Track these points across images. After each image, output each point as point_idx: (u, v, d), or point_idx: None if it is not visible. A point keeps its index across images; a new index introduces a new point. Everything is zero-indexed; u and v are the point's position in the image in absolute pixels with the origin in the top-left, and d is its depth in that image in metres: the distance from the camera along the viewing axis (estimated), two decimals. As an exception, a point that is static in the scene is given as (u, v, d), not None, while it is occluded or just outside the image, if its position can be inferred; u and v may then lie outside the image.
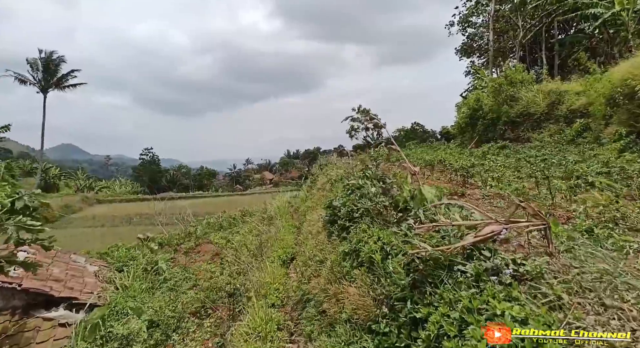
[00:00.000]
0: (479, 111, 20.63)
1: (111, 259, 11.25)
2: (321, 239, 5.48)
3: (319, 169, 13.92)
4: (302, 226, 10.00)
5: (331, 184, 8.55)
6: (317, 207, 9.51)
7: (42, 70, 45.49)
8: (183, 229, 16.33)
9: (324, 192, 9.74)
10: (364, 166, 9.73)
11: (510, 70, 19.31)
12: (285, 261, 7.39)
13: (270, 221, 13.39)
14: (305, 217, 10.50)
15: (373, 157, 12.16)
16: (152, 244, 11.66)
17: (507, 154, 12.23)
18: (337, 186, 7.48)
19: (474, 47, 35.85)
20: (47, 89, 46.16)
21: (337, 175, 8.35)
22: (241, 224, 16.41)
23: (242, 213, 17.85)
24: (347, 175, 7.99)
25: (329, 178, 9.91)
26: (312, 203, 10.26)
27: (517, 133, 18.08)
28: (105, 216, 37.51)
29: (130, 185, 59.37)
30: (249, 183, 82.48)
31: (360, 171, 6.45)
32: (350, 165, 9.12)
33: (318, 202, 9.88)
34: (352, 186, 5.50)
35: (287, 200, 15.60)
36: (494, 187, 6.02)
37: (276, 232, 9.82)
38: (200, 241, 14.33)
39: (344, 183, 7.01)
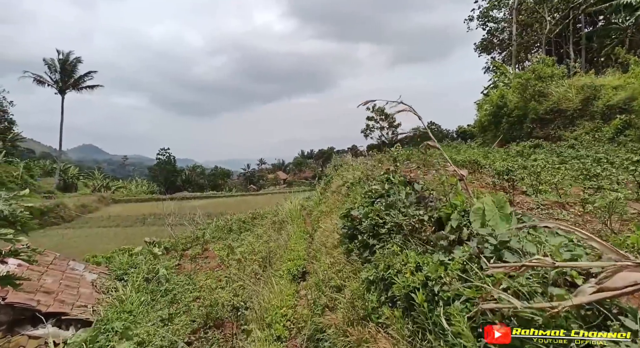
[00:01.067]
0: (503, 108, 19.25)
1: (113, 266, 10.51)
2: (337, 257, 4.50)
3: (333, 169, 12.88)
4: (315, 234, 9.00)
5: (347, 188, 7.54)
6: (331, 213, 8.52)
7: (59, 71, 45.83)
8: (191, 232, 15.57)
9: (339, 196, 8.72)
10: (386, 167, 8.68)
11: (538, 64, 17.88)
12: (295, 276, 6.42)
13: (281, 225, 12.45)
14: (318, 223, 9.50)
15: (392, 157, 11.09)
16: (157, 249, 10.86)
17: (543, 154, 10.96)
18: (354, 191, 6.46)
19: (495, 42, 34.19)
20: (65, 90, 46.48)
21: (354, 178, 7.34)
22: (251, 227, 15.53)
23: (252, 215, 16.97)
24: (366, 177, 6.95)
25: (345, 181, 8.89)
26: (326, 207, 9.26)
27: (547, 131, 16.67)
28: (120, 216, 37.34)
29: (146, 185, 59.53)
30: (262, 183, 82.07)
31: (384, 174, 5.45)
32: (367, 166, 8.10)
33: (333, 207, 8.88)
34: (374, 193, 4.49)
35: (299, 202, 14.64)
36: (547, 193, 4.93)
37: (286, 241, 8.87)
38: (208, 245, 13.51)
39: (363, 187, 6.01)
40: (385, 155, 12.96)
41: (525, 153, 11.13)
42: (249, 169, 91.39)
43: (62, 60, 46.02)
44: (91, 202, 40.47)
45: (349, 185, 7.42)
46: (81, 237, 31.08)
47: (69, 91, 47.07)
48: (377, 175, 6.65)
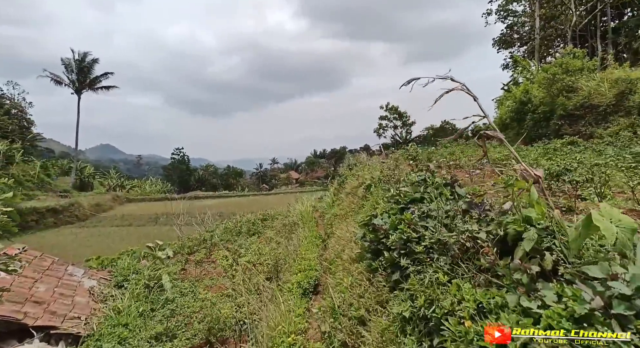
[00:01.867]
0: (527, 104, 18.02)
1: (115, 271, 9.86)
2: (357, 275, 3.64)
3: (347, 169, 11.99)
4: (328, 240, 8.16)
5: (365, 189, 6.67)
6: (346, 217, 7.66)
7: (75, 71, 46.11)
8: (199, 234, 14.91)
9: (354, 198, 7.85)
10: (408, 166, 7.76)
11: (565, 57, 16.62)
12: (306, 290, 5.59)
13: (291, 228, 11.64)
14: (332, 227, 8.64)
15: (411, 156, 10.14)
16: (161, 253, 10.18)
17: (585, 152, 9.83)
18: (375, 194, 5.59)
19: (514, 37, 32.70)
20: (81, 91, 46.75)
21: (373, 178, 6.47)
22: (261, 229, 14.78)
23: (262, 217, 16.22)
24: (387, 178, 6.06)
25: (361, 182, 8.01)
26: (340, 210, 8.41)
27: (576, 128, 15.43)
28: (133, 215, 37.26)
29: (160, 185, 59.67)
30: (275, 182, 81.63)
31: (415, 173, 4.55)
32: (387, 166, 7.21)
33: (348, 210, 8.02)
34: (404, 197, 3.62)
35: (311, 203, 13.82)
36: (612, 199, 3.99)
37: (297, 246, 8.05)
38: (216, 248, 12.81)
39: (386, 190, 5.14)
40: (404, 154, 12.04)
41: (561, 151, 10.03)
42: (262, 168, 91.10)
43: (79, 60, 46.29)
44: (105, 201, 40.55)
45: (367, 187, 6.55)
46: (94, 236, 30.98)
47: (85, 91, 47.34)
48: (400, 176, 5.75)
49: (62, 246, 27.37)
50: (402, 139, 40.89)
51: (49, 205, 33.61)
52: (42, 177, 41.19)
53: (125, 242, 28.57)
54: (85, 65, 45.75)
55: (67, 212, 34.78)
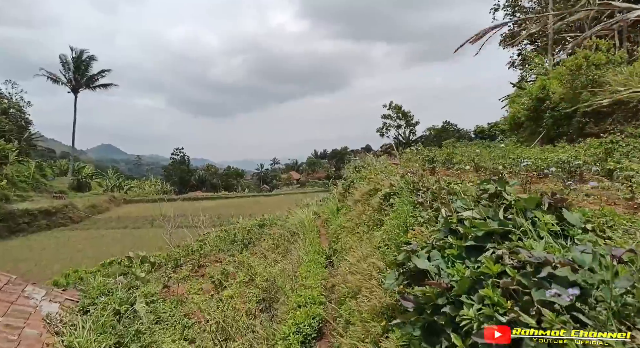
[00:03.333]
0: (545, 101, 16.49)
1: (84, 290, 8.35)
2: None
3: (353, 171, 10.47)
4: (334, 257, 6.68)
5: (383, 199, 5.16)
6: (357, 231, 6.17)
7: (72, 69, 44.73)
8: (190, 242, 13.45)
9: (366, 208, 6.36)
10: (432, 171, 6.27)
11: (584, 50, 15.09)
12: (307, 337, 4.12)
13: (290, 238, 10.14)
14: (338, 240, 7.15)
15: (428, 158, 8.63)
16: (139, 270, 8.68)
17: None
18: (400, 207, 4.09)
19: (522, 35, 31.11)
20: (78, 89, 45.35)
21: (393, 186, 4.96)
22: (258, 236, 13.29)
23: (259, 222, 14.72)
24: (412, 186, 4.56)
25: (375, 188, 6.52)
26: (348, 222, 6.92)
27: (603, 126, 13.91)
28: (130, 217, 35.85)
29: (159, 185, 58.22)
30: (276, 183, 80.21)
31: (473, 184, 3.09)
32: (411, 169, 5.72)
33: (358, 222, 6.52)
34: (469, 227, 2.14)
35: (313, 209, 12.33)
36: None
37: (296, 265, 6.56)
38: (207, 260, 11.34)
39: (416, 204, 3.67)
40: (414, 155, 10.53)
41: (604, 152, 8.50)
42: (263, 168, 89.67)
43: (76, 58, 44.90)
44: (102, 203, 39.12)
45: (385, 196, 5.05)
46: (87, 239, 29.57)
47: (82, 90, 45.95)
48: (431, 184, 4.25)
49: (52, 249, 25.97)
50: (406, 139, 39.36)
51: (42, 207, 32.21)
52: (37, 178, 39.73)
53: (120, 245, 27.14)
54: (82, 63, 44.33)
55: (61, 214, 33.35)
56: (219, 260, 11.54)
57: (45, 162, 49.48)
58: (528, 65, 27.59)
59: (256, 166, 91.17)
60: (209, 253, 11.59)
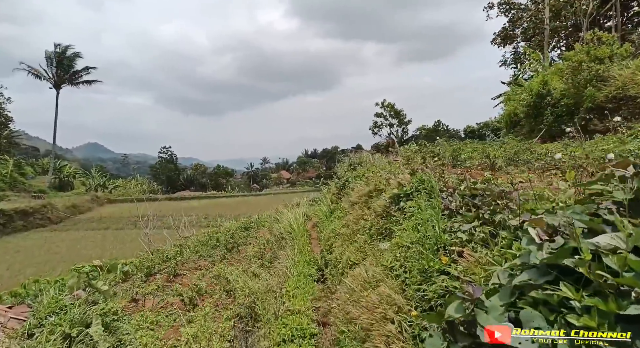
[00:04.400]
0: (546, 97, 15.69)
1: (34, 307, 7.09)
2: None
3: (348, 169, 9.38)
4: (327, 271, 5.60)
5: (391, 202, 4.07)
6: (355, 239, 5.10)
7: (55, 65, 42.68)
8: (168, 247, 12.21)
9: (365, 212, 5.28)
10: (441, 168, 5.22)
11: (585, 45, 14.32)
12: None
13: (279, 244, 9.02)
14: (332, 249, 6.07)
15: (435, 153, 7.60)
16: (100, 283, 7.43)
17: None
18: (418, 217, 3.01)
19: (515, 33, 30.51)
20: (60, 85, 43.29)
21: (403, 187, 3.88)
22: (244, 239, 12.12)
23: (245, 225, 13.53)
24: (429, 187, 3.48)
25: (376, 188, 5.45)
26: (344, 227, 5.83)
27: (608, 123, 13.13)
28: (112, 217, 34.11)
29: (146, 184, 56.29)
30: (266, 182, 78.76)
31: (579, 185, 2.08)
32: (429, 165, 4.67)
33: (356, 229, 5.44)
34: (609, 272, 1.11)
35: (303, 210, 11.22)
36: None
37: (283, 277, 5.46)
38: (185, 267, 10.13)
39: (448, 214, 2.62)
40: (417, 152, 9.50)
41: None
42: (253, 168, 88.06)
43: (59, 53, 42.84)
44: (83, 202, 37.23)
45: (393, 200, 3.96)
46: (65, 240, 27.91)
47: (64, 86, 43.90)
48: (452, 182, 3.18)
49: (27, 252, 24.32)
50: (398, 138, 38.50)
51: (19, 207, 30.31)
52: (14, 177, 37.66)
53: (99, 247, 25.64)
54: (65, 58, 42.28)
55: (39, 215, 31.48)
56: (198, 267, 10.34)
57: (27, 160, 47.29)
58: (523, 62, 26.95)
59: (246, 165, 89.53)
60: (187, 260, 10.38)
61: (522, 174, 4.72)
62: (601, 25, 24.04)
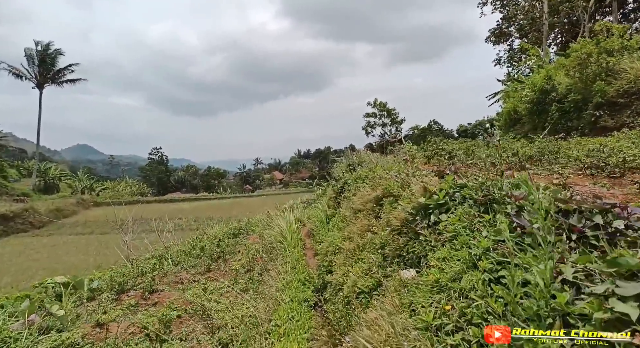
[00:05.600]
0: (550, 93, 14.82)
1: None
2: None
3: (347, 170, 8.28)
4: (327, 295, 4.52)
5: (413, 216, 2.96)
6: (362, 256, 4.01)
7: (37, 63, 40.83)
8: (150, 256, 11.04)
9: (377, 225, 4.20)
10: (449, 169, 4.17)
11: (601, 35, 13.47)
12: None
13: (269, 256, 7.90)
14: (332, 268, 4.98)
15: (447, 152, 6.55)
16: (56, 308, 6.22)
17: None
18: (476, 243, 1.96)
19: (510, 30, 29.77)
20: (43, 84, 41.46)
21: (438, 195, 2.81)
22: (233, 247, 10.97)
23: (234, 231, 12.36)
24: (485, 195, 2.41)
25: (389, 193, 4.37)
26: (346, 242, 4.73)
27: (620, 119, 12.27)
28: (98, 221, 32.52)
29: (136, 186, 54.49)
30: (258, 183, 77.35)
31: None
32: (486, 168, 3.62)
33: (361, 243, 4.36)
34: None
35: (296, 216, 10.10)
36: None
37: (270, 308, 4.35)
38: (165, 281, 8.95)
39: (517, 228, 1.58)
40: (424, 150, 8.46)
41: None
42: (245, 168, 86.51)
43: (41, 51, 41.01)
44: (68, 206, 35.52)
45: (419, 210, 2.87)
46: (47, 246, 26.40)
47: (47, 85, 42.06)
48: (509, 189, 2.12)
49: (5, 259, 22.79)
50: (391, 137, 37.56)
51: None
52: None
53: (82, 253, 24.18)
54: (47, 56, 40.46)
55: (20, 219, 29.80)
56: (179, 280, 9.16)
57: (13, 162, 45.31)
58: (520, 59, 26.22)
59: (238, 166, 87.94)
60: (167, 273, 9.19)
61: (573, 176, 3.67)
62: (597, 21, 23.38)
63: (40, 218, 31.35)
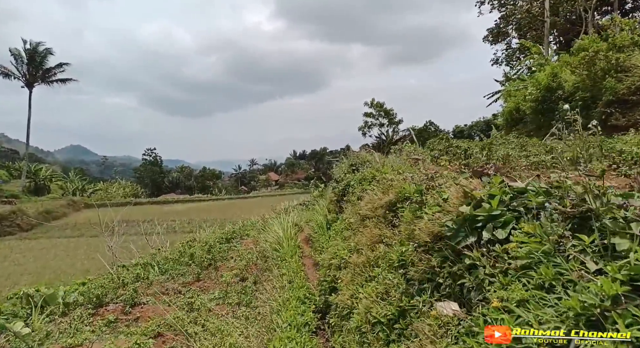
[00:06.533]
0: (557, 91, 14.20)
1: None
2: None
3: (349, 171, 7.52)
4: (331, 319, 3.77)
5: (456, 230, 2.26)
6: (374, 274, 3.27)
7: (26, 62, 39.66)
8: (136, 263, 10.20)
9: (393, 236, 3.47)
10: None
11: (610, 30, 12.88)
12: None
13: (263, 266, 7.12)
14: (336, 286, 4.22)
15: (462, 151, 5.82)
16: (19, 326, 5.39)
17: None
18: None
19: (508, 30, 29.30)
20: (33, 84, 40.29)
21: (489, 204, 2.14)
22: (225, 252, 10.16)
23: (227, 236, 11.55)
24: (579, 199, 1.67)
25: (398, 197, 3.65)
26: (354, 256, 3.97)
27: (632, 117, 11.69)
28: (88, 223, 31.41)
29: (129, 187, 53.23)
30: (254, 184, 76.35)
31: None
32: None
33: (372, 257, 3.61)
34: None
35: (293, 220, 9.32)
36: None
37: (263, 336, 3.61)
38: (150, 291, 8.13)
39: None
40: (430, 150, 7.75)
41: None
42: (240, 169, 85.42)
43: (30, 50, 39.83)
44: (58, 207, 34.36)
45: (458, 225, 2.15)
46: (34, 250, 25.29)
47: (37, 84, 40.89)
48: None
49: (-10, 264, 21.80)
50: (388, 138, 36.95)
51: None
52: (-19, 181, 34.59)
53: (69, 257, 23.12)
54: (36, 54, 39.30)
55: (7, 222, 28.64)
56: (165, 291, 8.33)
57: (4, 163, 44.00)
58: (519, 58, 25.70)
59: (234, 167, 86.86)
60: (152, 282, 8.36)
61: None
62: (598, 19, 22.95)
63: (28, 220, 30.17)
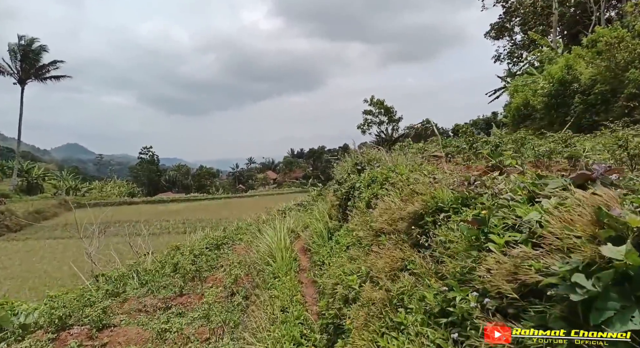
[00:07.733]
0: (572, 84, 13.14)
1: None
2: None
3: (353, 171, 6.39)
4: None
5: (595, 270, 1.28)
6: (399, 319, 2.20)
7: (20, 59, 38.32)
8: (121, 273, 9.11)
9: (414, 257, 2.41)
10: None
11: (632, 17, 11.81)
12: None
13: (256, 279, 6.02)
14: (345, 325, 3.11)
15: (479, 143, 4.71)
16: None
17: None
18: None
19: (511, 25, 28.23)
20: (26, 80, 38.93)
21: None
22: (213, 261, 9.05)
23: (217, 241, 10.43)
24: None
25: (430, 207, 2.59)
26: (366, 283, 2.94)
27: (659, 111, 10.63)
28: (80, 224, 30.18)
29: (125, 186, 51.94)
30: (252, 183, 75.11)
31: None
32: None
33: (389, 289, 2.52)
34: None
35: (289, 226, 8.21)
36: None
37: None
38: (124, 309, 7.03)
39: None
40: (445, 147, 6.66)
41: None
42: (238, 168, 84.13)
43: (24, 46, 38.47)
44: (49, 207, 33.08)
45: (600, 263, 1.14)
46: (21, 252, 24.09)
47: (30, 81, 39.54)
48: None
49: (-29, 266, 20.63)
50: (388, 136, 35.85)
51: None
52: (-29, 179, 33.27)
53: (56, 260, 21.94)
54: (31, 51, 37.95)
55: None
56: (143, 308, 7.22)
57: None
58: (522, 53, 24.65)
59: (231, 165, 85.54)
60: (128, 297, 7.25)
61: None
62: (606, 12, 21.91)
63: (17, 221, 28.92)
